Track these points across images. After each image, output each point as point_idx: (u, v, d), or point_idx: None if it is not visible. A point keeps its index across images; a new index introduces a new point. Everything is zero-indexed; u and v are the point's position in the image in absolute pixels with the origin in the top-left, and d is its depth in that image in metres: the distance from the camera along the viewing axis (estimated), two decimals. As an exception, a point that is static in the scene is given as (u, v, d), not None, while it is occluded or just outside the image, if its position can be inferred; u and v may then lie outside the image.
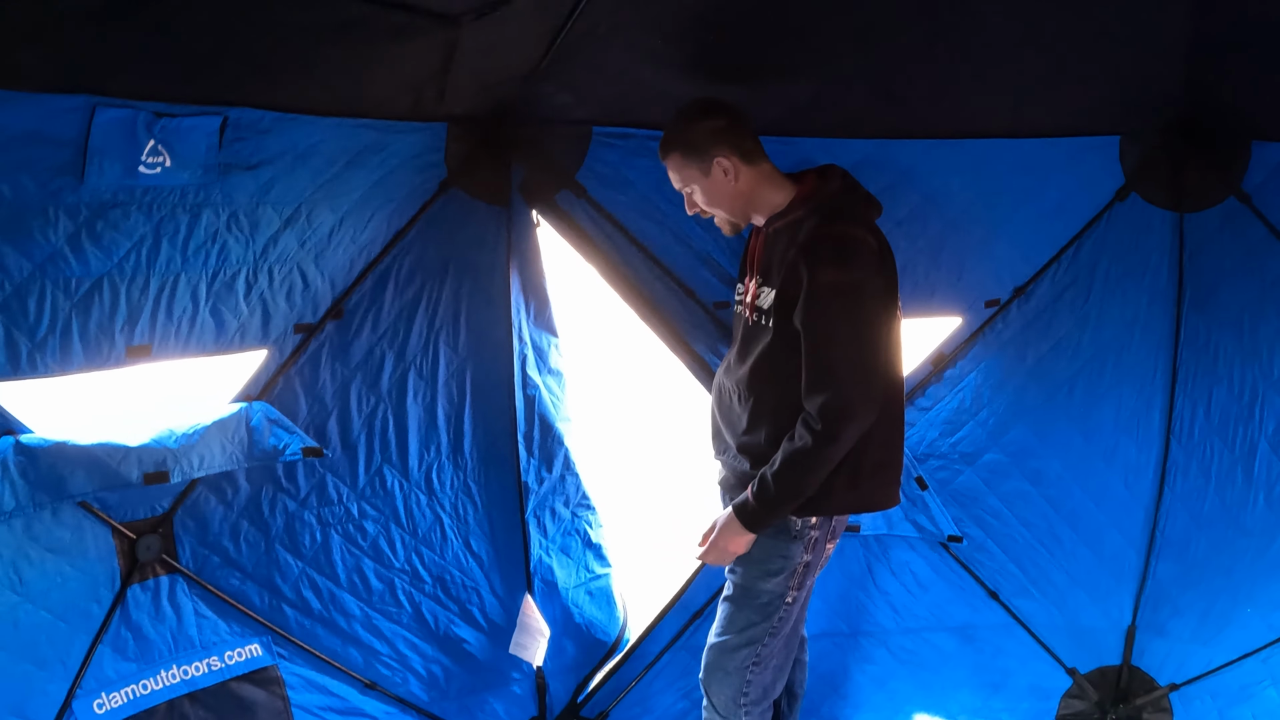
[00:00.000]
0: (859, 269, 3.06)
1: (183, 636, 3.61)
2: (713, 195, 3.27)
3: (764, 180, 3.27)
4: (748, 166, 3.23)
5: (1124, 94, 3.86)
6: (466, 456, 4.06)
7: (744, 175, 3.23)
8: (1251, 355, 4.21)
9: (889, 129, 3.79)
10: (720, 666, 3.51)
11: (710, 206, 3.32)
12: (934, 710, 4.66)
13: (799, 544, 3.33)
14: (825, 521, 3.35)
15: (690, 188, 3.30)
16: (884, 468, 3.37)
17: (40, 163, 2.61)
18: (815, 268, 3.03)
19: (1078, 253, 4.22)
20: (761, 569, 3.37)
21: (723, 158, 3.18)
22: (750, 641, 3.44)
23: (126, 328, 3.06)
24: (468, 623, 4.21)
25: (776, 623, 3.42)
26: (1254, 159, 3.98)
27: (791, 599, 3.41)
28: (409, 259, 3.72)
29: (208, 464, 3.30)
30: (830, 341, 3.05)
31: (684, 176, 3.29)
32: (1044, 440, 4.43)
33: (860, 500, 3.39)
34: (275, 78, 2.84)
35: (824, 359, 3.05)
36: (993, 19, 3.34)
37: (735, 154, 3.20)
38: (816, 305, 3.04)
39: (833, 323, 3.04)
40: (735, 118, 3.24)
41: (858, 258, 3.07)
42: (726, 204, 3.29)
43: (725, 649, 3.49)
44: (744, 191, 3.26)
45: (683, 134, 3.23)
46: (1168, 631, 4.60)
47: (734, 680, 3.48)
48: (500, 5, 2.81)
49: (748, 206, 3.31)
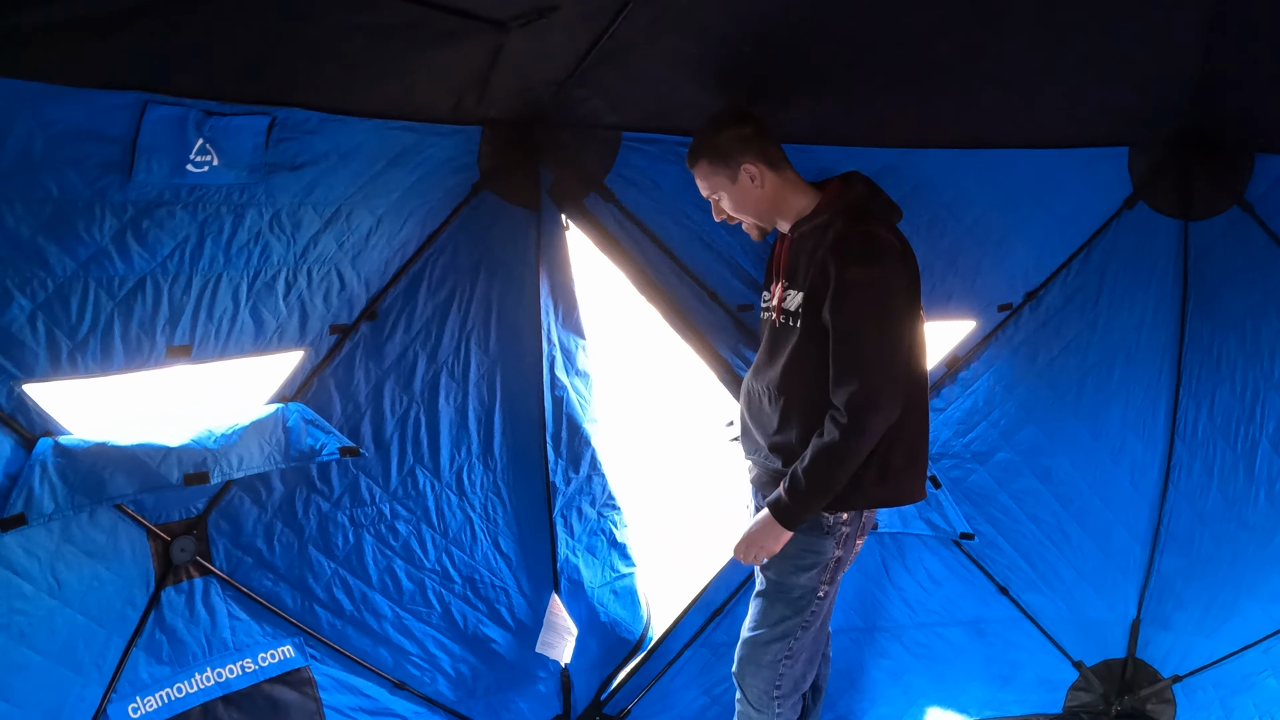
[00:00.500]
0: (884, 267, 3.02)
1: (216, 639, 3.42)
2: (740, 201, 3.21)
3: (789, 187, 3.20)
4: (774, 173, 3.17)
5: (1134, 107, 3.79)
6: (496, 457, 3.90)
7: (770, 182, 3.17)
8: (1253, 357, 4.14)
9: (912, 139, 3.69)
10: (754, 660, 3.43)
11: (737, 212, 3.26)
12: (946, 703, 4.55)
13: (831, 539, 3.26)
14: (855, 517, 3.27)
15: (718, 194, 3.24)
16: (912, 462, 3.28)
17: (88, 159, 2.43)
18: (843, 265, 2.98)
19: (1087, 259, 4.14)
20: (794, 564, 3.29)
21: (750, 164, 3.13)
22: (783, 635, 3.37)
23: (168, 328, 2.88)
24: (496, 622, 4.04)
25: (809, 617, 3.35)
26: (1257, 170, 3.91)
27: (823, 593, 3.34)
28: (442, 261, 3.56)
29: (246, 464, 3.12)
30: (856, 335, 2.99)
31: (712, 184, 3.23)
32: (1053, 439, 4.34)
33: (890, 494, 3.29)
34: (325, 79, 2.68)
35: (850, 352, 3.00)
36: (1014, 36, 3.27)
37: (762, 161, 3.14)
38: (843, 300, 2.98)
39: (859, 317, 2.99)
40: (761, 126, 3.19)
41: (883, 256, 3.03)
42: (753, 209, 3.23)
43: (758, 643, 3.41)
44: (770, 197, 3.19)
45: (711, 142, 3.18)
46: (1171, 624, 4.52)
47: (767, 673, 3.41)
48: (547, 13, 2.70)
49: (774, 212, 3.24)
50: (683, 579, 4.10)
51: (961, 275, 4.01)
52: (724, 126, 3.17)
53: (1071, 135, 3.85)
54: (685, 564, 3.99)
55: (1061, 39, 3.30)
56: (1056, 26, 3.25)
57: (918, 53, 3.30)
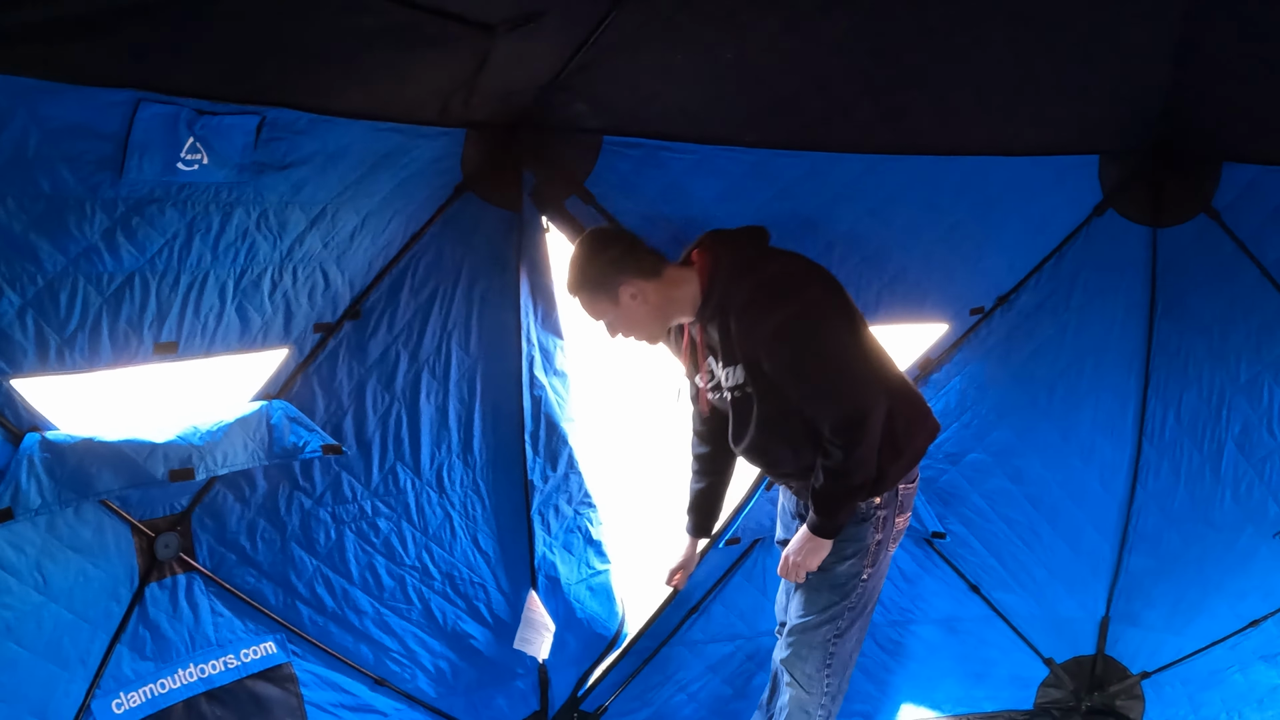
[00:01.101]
0: (791, 301, 3.10)
1: (200, 635, 3.46)
2: (630, 321, 3.27)
3: (672, 286, 3.25)
4: (654, 283, 3.22)
5: (1105, 117, 3.90)
6: (476, 455, 3.95)
7: (652, 293, 3.22)
8: (1220, 361, 4.25)
9: (890, 145, 3.76)
10: (804, 643, 3.52)
11: (631, 333, 3.31)
12: (920, 699, 4.64)
13: (869, 525, 3.37)
14: (891, 497, 3.37)
15: (606, 319, 3.29)
16: (911, 426, 3.37)
17: (82, 156, 2.45)
18: (758, 327, 3.08)
19: (1058, 264, 4.24)
20: (837, 555, 3.38)
21: (628, 284, 3.18)
22: (832, 618, 3.47)
23: (155, 324, 2.91)
24: (475, 619, 4.10)
25: (855, 599, 3.46)
26: (1225, 179, 4.02)
27: (867, 575, 3.44)
28: (424, 261, 3.61)
29: (230, 461, 3.16)
30: (808, 373, 3.09)
31: (597, 310, 3.29)
32: (1025, 440, 4.45)
33: (910, 461, 3.41)
34: (316, 79, 2.72)
35: (811, 390, 3.11)
36: (989, 46, 3.35)
37: (638, 276, 3.20)
38: (779, 352, 3.08)
39: (802, 357, 3.08)
40: (628, 241, 3.27)
41: (784, 293, 3.12)
42: (646, 325, 3.30)
43: (807, 628, 3.51)
44: (658, 305, 3.25)
45: (585, 273, 3.24)
46: (1140, 621, 4.63)
47: (818, 653, 3.51)
48: (535, 18, 2.74)
49: (667, 317, 3.31)
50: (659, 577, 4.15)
51: (935, 279, 4.10)
52: (594, 255, 3.23)
53: (1044, 143, 3.94)
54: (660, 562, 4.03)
55: (1036, 50, 3.39)
56: (1031, 38, 3.33)
57: (896, 62, 3.37)
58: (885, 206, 3.79)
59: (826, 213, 3.76)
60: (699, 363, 3.40)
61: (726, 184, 3.62)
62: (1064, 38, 3.35)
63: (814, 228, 3.77)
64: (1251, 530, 4.27)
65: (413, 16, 2.52)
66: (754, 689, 4.40)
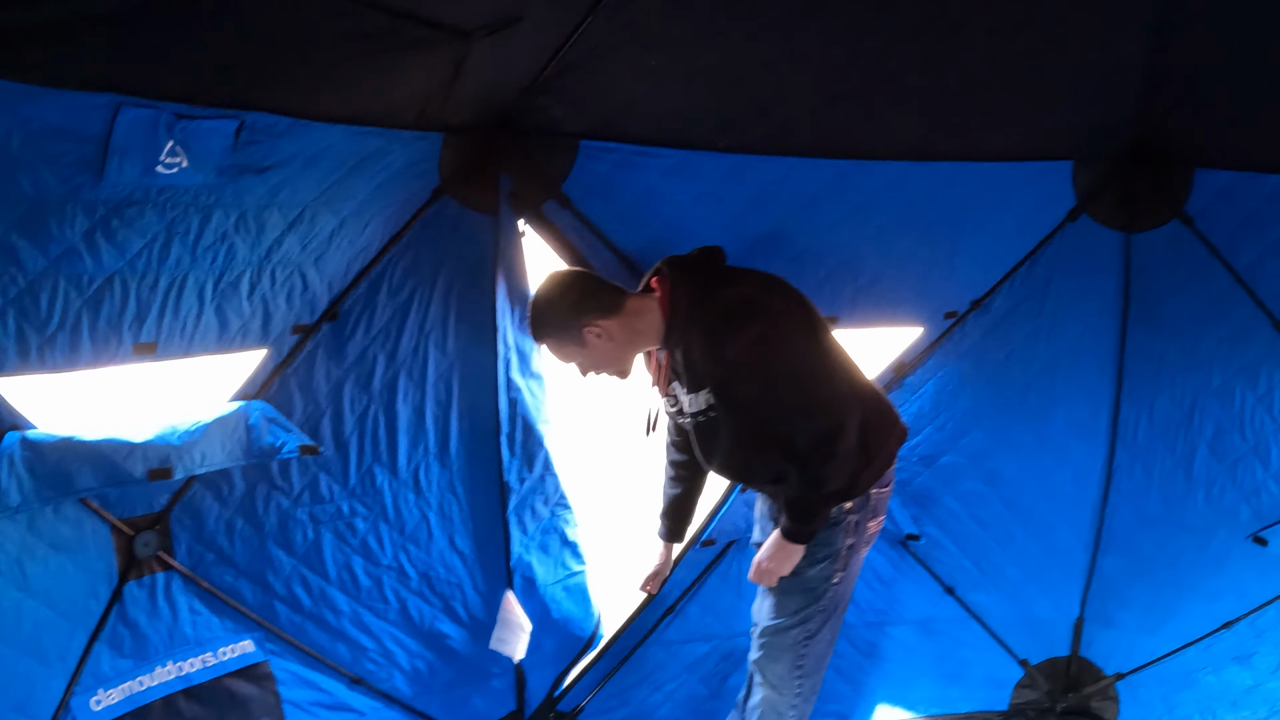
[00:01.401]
0: (754, 322, 3.14)
1: (178, 633, 3.51)
2: (598, 360, 3.35)
3: (635, 318, 3.32)
4: (616, 319, 3.28)
5: (1079, 123, 3.97)
6: (453, 456, 4.00)
7: (616, 329, 3.28)
8: (1192, 366, 4.34)
9: (863, 150, 3.83)
10: (776, 645, 3.57)
11: (600, 371, 3.39)
12: (895, 700, 4.71)
13: (840, 530, 3.42)
14: (863, 502, 3.42)
15: (576, 361, 3.36)
16: (882, 431, 3.44)
17: (62, 158, 2.50)
18: (724, 347, 3.13)
19: (1032, 269, 4.31)
20: (808, 559, 3.43)
21: (590, 325, 3.24)
22: (803, 620, 3.52)
23: (134, 325, 2.96)
24: (451, 619, 4.15)
25: (826, 602, 3.51)
26: (1197, 185, 4.10)
27: (838, 579, 3.49)
28: (402, 264, 3.67)
29: (209, 461, 3.20)
30: (775, 395, 3.16)
31: (566, 354, 3.38)
32: (999, 443, 4.52)
33: (881, 466, 3.46)
34: (295, 84, 2.77)
35: (781, 410, 3.18)
36: (963, 52, 3.43)
37: (600, 315, 3.26)
38: (746, 376, 3.15)
39: (765, 381, 3.15)
40: (586, 282, 3.33)
41: (748, 310, 3.16)
42: (614, 362, 3.37)
43: (778, 630, 3.56)
44: (624, 341, 3.32)
45: (546, 319, 3.33)
46: (1114, 623, 4.71)
47: (789, 654, 3.56)
48: (511, 23, 2.80)
49: (633, 350, 3.39)
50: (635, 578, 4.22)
51: (910, 283, 4.18)
52: (553, 300, 3.31)
53: (1018, 149, 4.01)
54: (637, 563, 4.11)
55: (1010, 56, 3.46)
56: (1003, 45, 3.41)
57: (869, 68, 3.44)
58: (859, 211, 3.85)
59: (802, 217, 3.83)
60: (664, 388, 3.47)
61: (703, 188, 3.69)
62: (1037, 44, 3.43)
63: (789, 232, 3.85)
64: (1224, 532, 4.36)
65: (390, 22, 2.57)
66: (729, 689, 4.46)
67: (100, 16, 2.20)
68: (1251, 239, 4.05)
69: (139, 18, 2.25)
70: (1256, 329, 4.15)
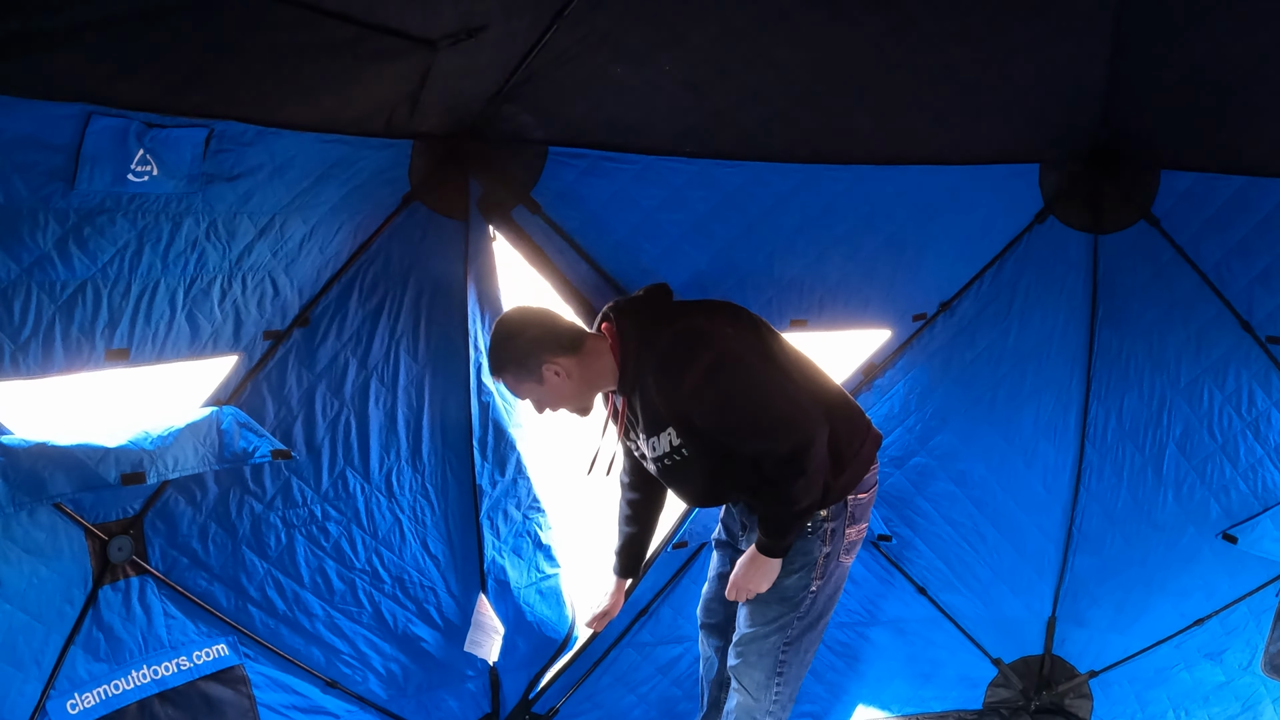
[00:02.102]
0: (706, 352, 3.18)
1: (152, 637, 3.60)
2: (556, 398, 3.38)
3: (593, 358, 3.36)
4: (574, 358, 3.32)
5: (1044, 126, 4.08)
6: (425, 460, 4.10)
7: (574, 368, 3.33)
8: (1160, 365, 4.45)
9: (828, 154, 3.92)
10: (754, 652, 3.61)
11: (558, 408, 3.43)
12: (870, 700, 4.81)
13: (815, 539, 3.46)
14: (839, 509, 3.45)
15: (534, 398, 3.40)
16: (853, 440, 3.48)
17: (34, 167, 2.60)
18: (680, 381, 3.17)
19: (1000, 270, 4.42)
20: (785, 569, 3.48)
21: (549, 363, 3.28)
22: (781, 628, 3.56)
23: (107, 331, 3.05)
24: (425, 622, 4.24)
25: (804, 610, 3.55)
26: (1163, 186, 4.21)
27: (815, 588, 3.52)
28: (373, 269, 3.76)
29: (181, 466, 3.30)
30: (740, 422, 3.19)
31: (523, 390, 3.41)
32: (968, 444, 4.62)
33: (856, 474, 3.49)
34: (263, 93, 2.87)
35: (747, 435, 3.21)
36: (928, 56, 3.52)
37: (559, 353, 3.30)
38: (705, 408, 3.18)
39: (729, 408, 3.18)
40: (545, 319, 3.36)
41: (697, 342, 3.21)
42: (573, 399, 3.41)
43: (756, 638, 3.60)
44: (581, 379, 3.36)
45: (505, 356, 3.35)
46: (1086, 621, 4.82)
47: (767, 660, 3.60)
48: (476, 33, 2.89)
49: (592, 390, 3.43)
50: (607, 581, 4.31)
51: (877, 286, 4.27)
52: (513, 336, 3.33)
53: (984, 152, 4.11)
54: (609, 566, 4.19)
55: (973, 62, 3.57)
56: (968, 51, 3.51)
57: (834, 73, 3.54)
58: (825, 215, 3.95)
59: (768, 221, 3.92)
60: (621, 433, 3.52)
61: (669, 193, 3.78)
62: (1000, 51, 3.53)
63: (755, 236, 3.94)
64: (1193, 530, 4.48)
65: (356, 32, 2.66)
66: (703, 690, 4.55)
67: (71, 28, 2.29)
68: (1217, 239, 4.16)
69: (109, 29, 2.34)
70: (1223, 328, 4.26)
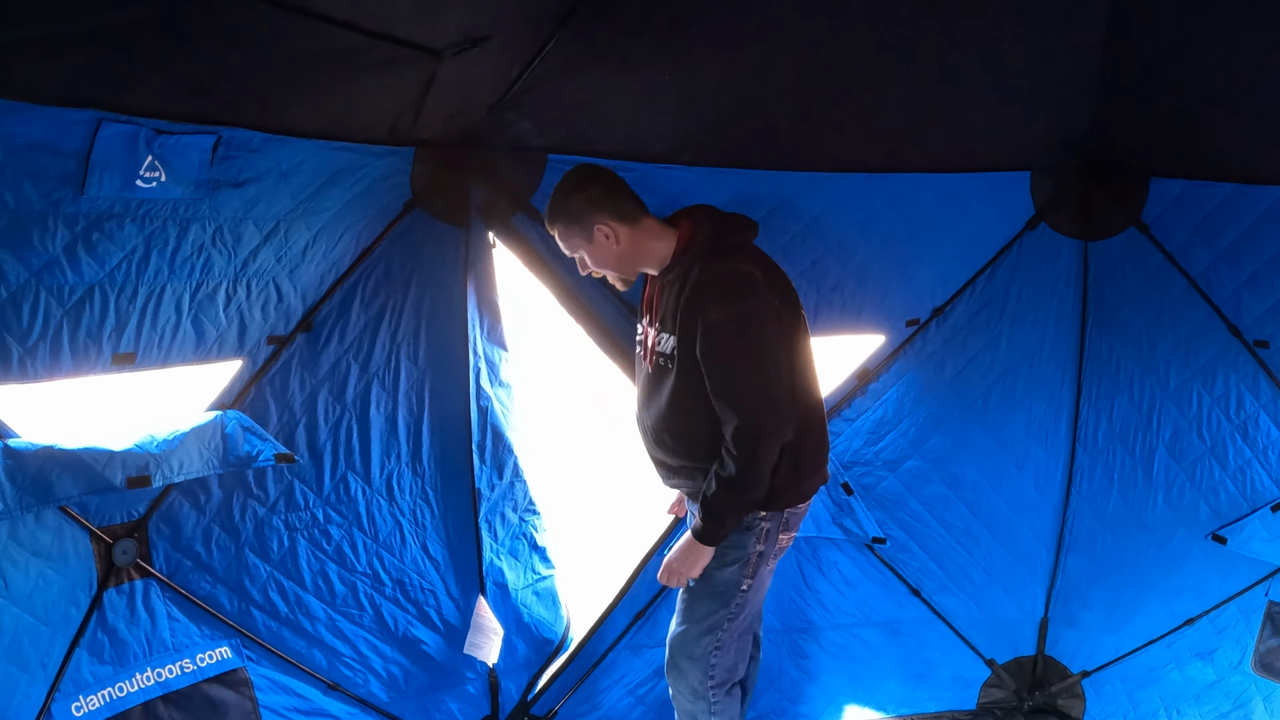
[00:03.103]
0: (746, 301, 3.22)
1: (156, 639, 3.62)
2: (599, 258, 3.42)
3: (646, 236, 3.40)
4: (628, 227, 3.36)
5: (1036, 134, 4.14)
6: (425, 464, 4.14)
7: (625, 236, 3.36)
8: (1150, 369, 4.49)
9: (821, 163, 3.99)
10: (685, 654, 3.62)
11: (599, 268, 3.46)
12: (864, 701, 4.83)
13: (751, 535, 3.49)
14: (775, 514, 3.49)
15: (578, 253, 3.44)
16: (817, 453, 3.56)
17: (44, 173, 2.64)
18: (706, 308, 3.20)
19: (992, 276, 4.47)
20: (718, 561, 3.50)
21: (602, 224, 3.33)
22: (711, 629, 3.56)
23: (114, 335, 3.09)
24: (425, 624, 4.27)
25: (734, 609, 3.55)
26: (1152, 193, 4.26)
27: (747, 586, 3.54)
28: (375, 275, 3.80)
29: (186, 469, 3.33)
30: (730, 373, 3.22)
31: (570, 244, 3.44)
32: (961, 448, 4.66)
33: (804, 492, 3.55)
34: (270, 101, 2.92)
35: (727, 390, 3.23)
36: (919, 67, 3.58)
37: (614, 219, 3.34)
38: (711, 342, 3.21)
39: (729, 355, 3.21)
40: (610, 185, 3.39)
41: (744, 291, 3.24)
42: (614, 264, 3.43)
43: (687, 638, 3.60)
44: (628, 251, 3.39)
45: (562, 206, 3.38)
46: (1078, 622, 4.86)
47: (699, 666, 3.60)
48: (479, 42, 2.94)
49: (635, 263, 3.45)
50: (605, 582, 4.35)
51: (871, 292, 4.32)
52: (574, 190, 3.37)
53: (976, 160, 4.17)
54: (606, 567, 4.24)
55: (965, 72, 3.62)
56: (958, 60, 3.57)
57: (826, 83, 3.59)
58: (819, 222, 4.00)
59: (763, 228, 3.81)
60: (651, 317, 3.52)
61: (666, 201, 3.76)
62: (991, 60, 3.59)
63: (750, 242, 3.98)
64: (1183, 532, 4.52)
65: (362, 41, 2.72)
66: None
67: (82, 35, 2.35)
68: (1205, 245, 4.21)
69: (120, 37, 2.40)
70: (1212, 332, 4.30)
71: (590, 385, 8.10)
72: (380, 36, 2.74)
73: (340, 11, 2.56)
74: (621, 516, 6.22)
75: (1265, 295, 4.13)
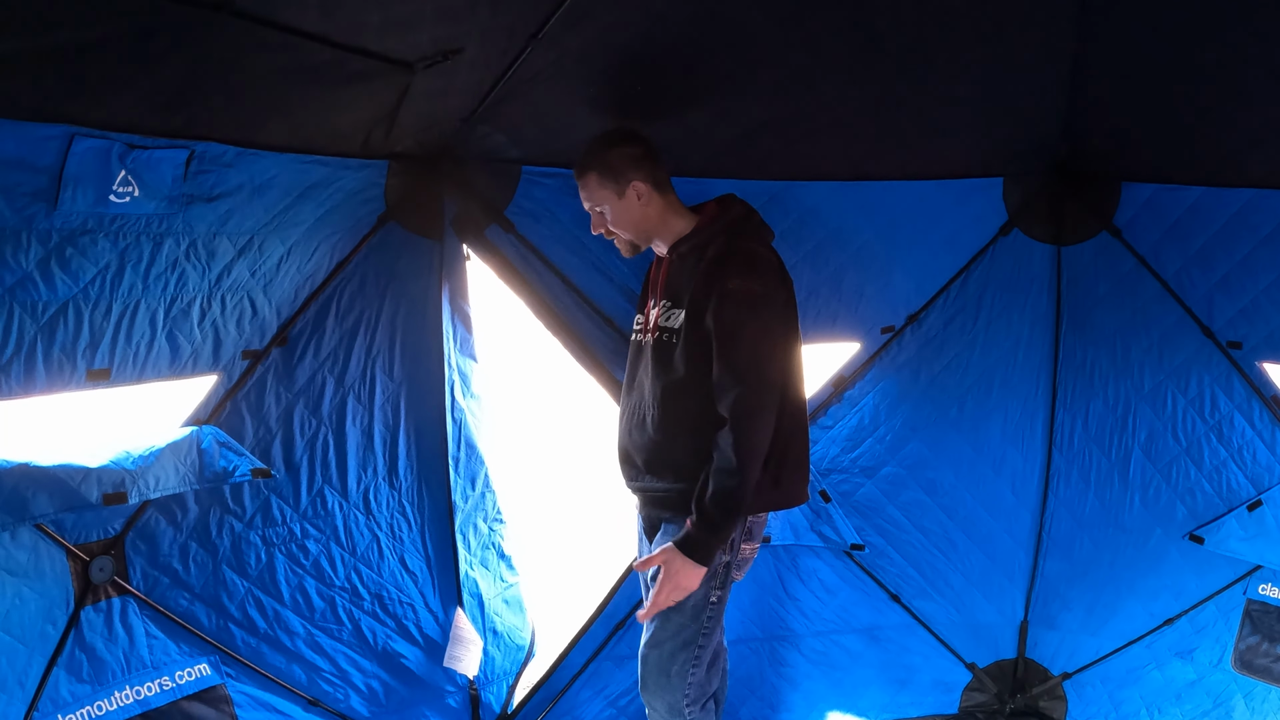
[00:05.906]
0: (764, 281, 3.27)
1: (135, 657, 3.61)
2: (623, 217, 3.43)
3: (671, 210, 3.45)
4: (659, 195, 3.41)
5: (1007, 141, 4.20)
6: (401, 477, 4.15)
7: (654, 202, 3.40)
8: (1124, 372, 4.56)
9: (797, 171, 4.04)
10: (661, 671, 3.52)
11: (618, 227, 3.46)
12: (846, 707, 4.86)
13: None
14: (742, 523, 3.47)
15: (602, 207, 3.44)
16: (799, 466, 3.55)
17: (17, 188, 2.65)
18: (725, 276, 3.21)
19: (966, 282, 4.54)
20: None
21: (639, 182, 3.36)
22: (685, 645, 3.47)
23: (88, 351, 3.09)
24: (404, 638, 4.27)
25: (706, 623, 3.48)
26: (1124, 198, 4.34)
27: (716, 599, 3.48)
28: (349, 289, 3.83)
29: (162, 485, 3.34)
30: (738, 340, 3.20)
31: (597, 197, 3.43)
32: (937, 453, 4.72)
33: (783, 497, 3.54)
34: (243, 115, 2.94)
35: (732, 356, 3.20)
36: (889, 75, 3.62)
37: (649, 181, 3.37)
38: (724, 308, 3.20)
39: (740, 323, 3.20)
40: (652, 148, 3.42)
41: (764, 271, 3.29)
42: (635, 227, 3.45)
43: (661, 656, 3.51)
44: (652, 217, 3.43)
45: (602, 156, 3.38)
46: (1058, 624, 4.91)
47: (675, 684, 3.51)
48: (451, 55, 2.96)
49: (654, 232, 3.47)
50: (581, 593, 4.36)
51: (846, 299, 4.38)
52: (617, 143, 3.39)
53: (948, 168, 4.24)
54: (582, 578, 4.25)
55: (935, 80, 3.66)
56: (930, 68, 3.61)
57: (796, 94, 3.64)
58: (792, 231, 4.03)
59: None
60: (656, 296, 3.51)
61: (640, 210, 3.86)
62: (961, 69, 3.63)
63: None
64: (1160, 532, 4.58)
65: (334, 55, 2.73)
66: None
67: (53, 50, 2.35)
68: (1177, 248, 4.28)
69: (91, 51, 2.40)
70: (1185, 334, 4.37)
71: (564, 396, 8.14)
72: (352, 50, 2.75)
73: (312, 25, 2.57)
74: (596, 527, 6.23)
75: (1237, 297, 4.19)
